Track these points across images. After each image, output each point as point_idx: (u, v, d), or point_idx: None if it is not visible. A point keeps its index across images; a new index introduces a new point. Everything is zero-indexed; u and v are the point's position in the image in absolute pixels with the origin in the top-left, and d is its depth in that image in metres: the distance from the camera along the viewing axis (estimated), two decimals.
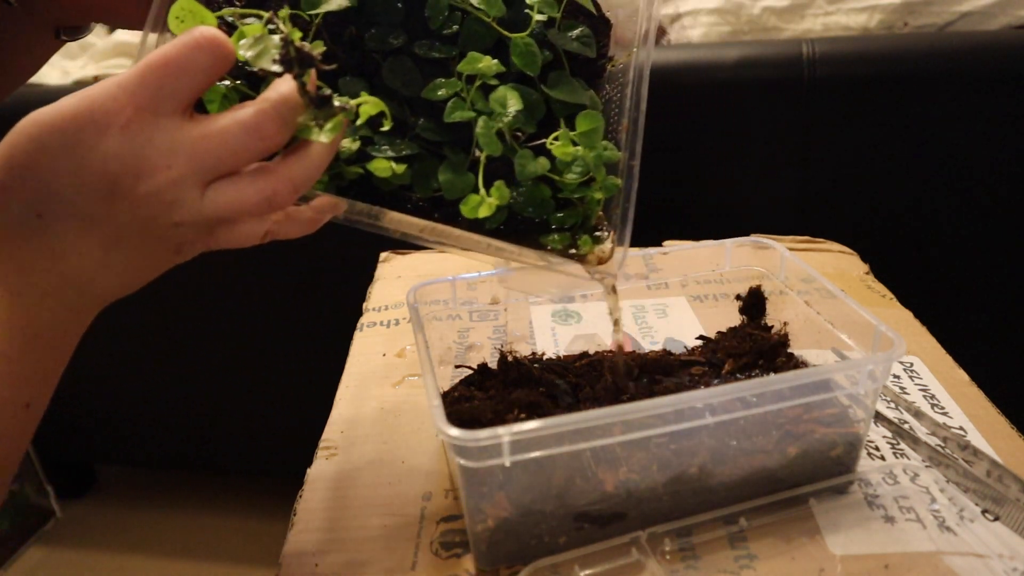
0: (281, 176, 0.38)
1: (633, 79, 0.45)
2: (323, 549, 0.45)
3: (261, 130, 0.36)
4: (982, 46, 0.96)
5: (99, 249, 0.38)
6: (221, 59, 0.36)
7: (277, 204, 0.38)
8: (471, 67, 0.43)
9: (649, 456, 0.43)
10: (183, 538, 1.41)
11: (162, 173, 0.36)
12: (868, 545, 0.43)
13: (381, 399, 0.59)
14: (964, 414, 0.54)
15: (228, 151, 0.37)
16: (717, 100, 1.01)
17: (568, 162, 0.43)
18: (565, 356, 0.57)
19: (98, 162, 0.36)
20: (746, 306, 0.60)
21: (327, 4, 0.43)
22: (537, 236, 0.44)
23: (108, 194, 0.36)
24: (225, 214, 0.38)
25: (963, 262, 1.03)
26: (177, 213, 0.37)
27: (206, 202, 0.38)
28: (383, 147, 0.43)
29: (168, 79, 0.35)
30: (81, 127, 0.36)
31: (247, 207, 0.38)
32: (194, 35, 0.35)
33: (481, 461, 0.38)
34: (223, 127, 0.36)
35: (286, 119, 0.37)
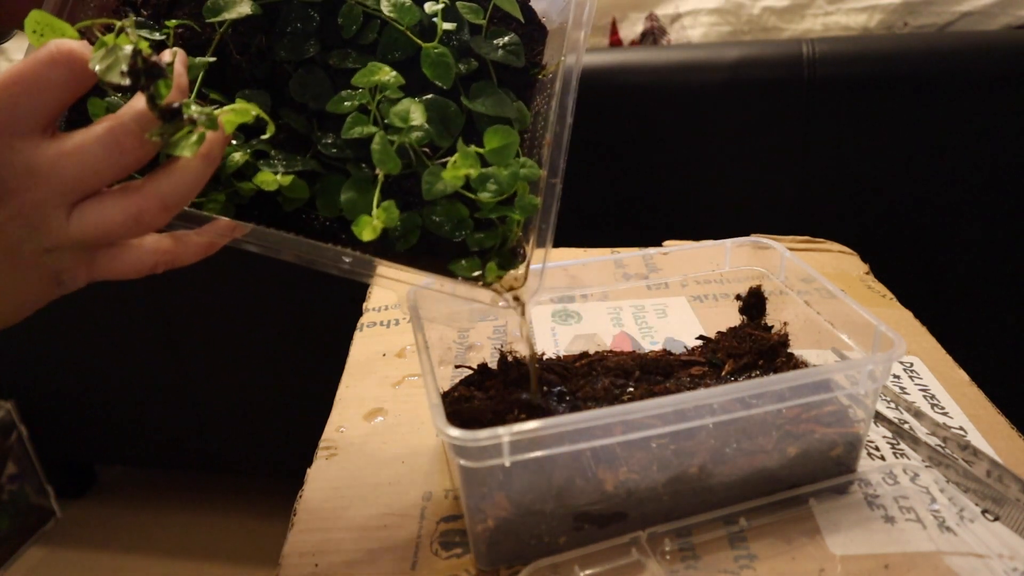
0: (147, 193, 0.35)
1: (559, 90, 0.42)
2: (323, 549, 0.45)
3: (120, 144, 0.34)
4: (982, 46, 0.96)
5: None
6: (78, 73, 0.34)
7: (146, 224, 0.36)
8: (369, 79, 0.40)
9: (649, 456, 0.43)
10: (183, 538, 1.41)
11: (21, 196, 0.34)
12: (868, 545, 0.43)
13: (381, 399, 0.59)
14: (964, 414, 0.54)
15: (87, 168, 0.34)
16: (717, 100, 1.01)
17: (481, 179, 0.40)
18: (565, 356, 0.57)
19: None
20: (746, 306, 0.60)
21: (229, 12, 0.41)
22: (450, 261, 0.41)
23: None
24: (95, 236, 0.36)
25: (963, 262, 1.03)
26: (45, 238, 0.35)
27: (72, 224, 0.35)
28: (277, 162, 0.40)
29: (21, 97, 0.33)
30: None
31: (115, 227, 0.36)
32: (50, 50, 0.33)
33: (481, 461, 0.38)
34: (80, 143, 0.34)
35: (143, 131, 0.34)
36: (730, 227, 0.75)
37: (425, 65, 0.42)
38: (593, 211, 1.06)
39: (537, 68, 0.46)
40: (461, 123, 0.42)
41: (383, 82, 0.40)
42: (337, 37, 0.43)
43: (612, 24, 1.14)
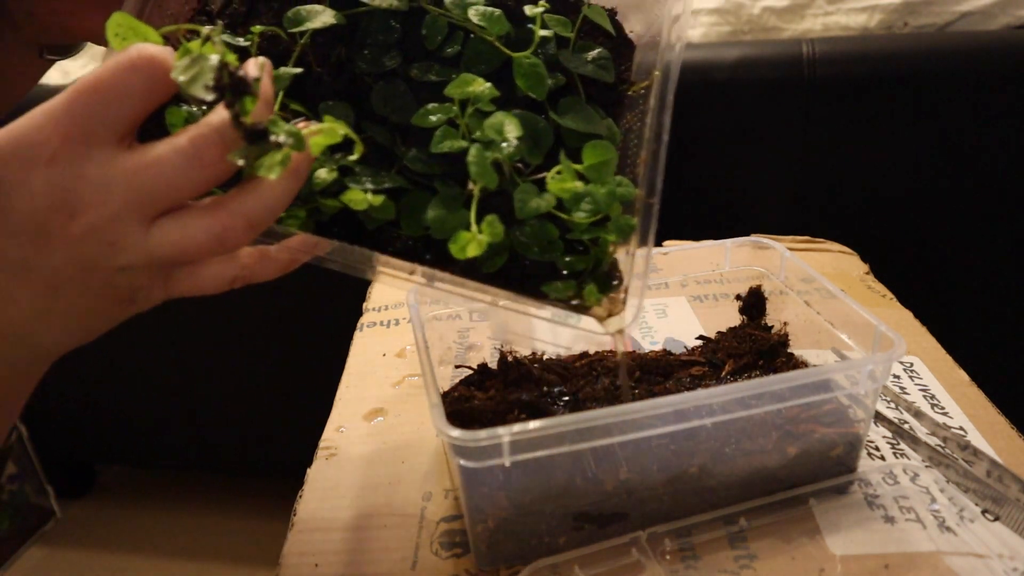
0: (233, 211, 0.33)
1: (655, 106, 0.40)
2: (323, 549, 0.45)
3: (201, 157, 0.32)
4: (982, 46, 0.96)
5: (37, 298, 0.34)
6: (160, 81, 0.32)
7: (230, 243, 0.34)
8: (461, 91, 0.38)
9: (649, 456, 0.43)
10: (183, 538, 1.41)
11: (96, 209, 0.32)
12: (868, 545, 0.43)
13: (381, 399, 0.59)
14: (964, 414, 0.54)
15: (166, 182, 0.32)
16: (717, 100, 1.01)
17: (575, 199, 0.38)
18: (565, 356, 0.57)
19: (25, 200, 0.32)
20: (746, 306, 0.60)
21: (312, 22, 0.40)
22: (540, 283, 0.38)
23: (38, 236, 0.32)
24: (173, 255, 0.33)
25: (963, 262, 1.03)
26: (120, 255, 0.33)
27: (151, 241, 0.33)
28: (364, 179, 0.38)
29: (100, 105, 0.31)
30: (5, 163, 0.32)
31: (196, 246, 0.33)
32: (129, 54, 0.31)
33: (481, 461, 0.38)
34: (159, 155, 0.32)
35: (227, 145, 0.32)
36: (730, 227, 0.74)
37: (518, 76, 0.40)
38: None
39: (625, 84, 0.44)
40: (551, 139, 0.40)
41: (476, 93, 0.38)
42: (418, 49, 0.41)
43: None
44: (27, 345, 0.35)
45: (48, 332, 0.35)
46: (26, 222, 0.32)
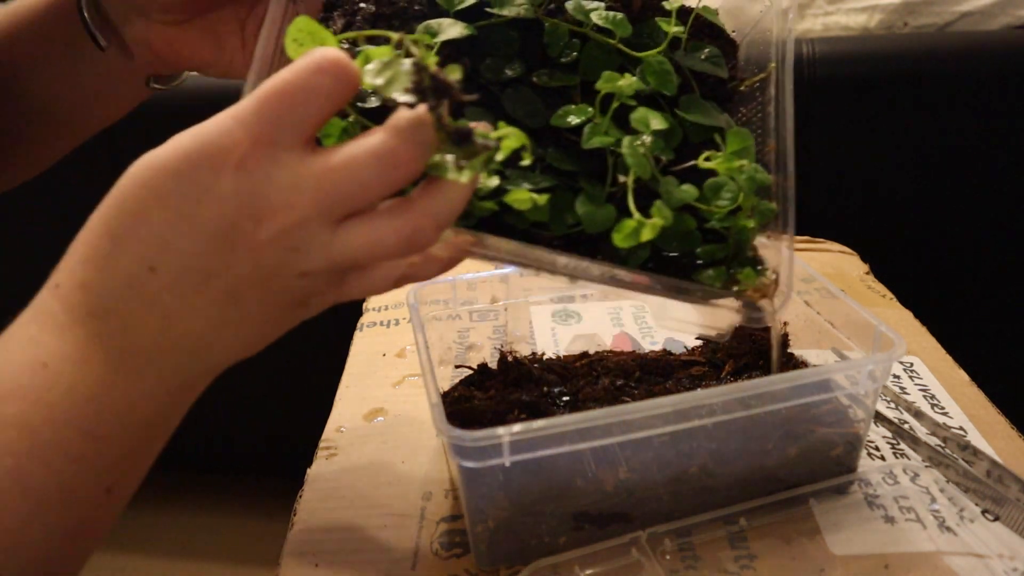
0: (423, 211, 0.33)
1: (776, 95, 0.43)
2: (323, 549, 0.45)
3: (395, 157, 0.31)
4: (982, 46, 0.96)
5: (214, 307, 0.33)
6: (345, 84, 0.31)
7: (418, 244, 0.33)
8: (611, 85, 0.40)
9: (649, 456, 0.43)
10: (183, 538, 1.41)
11: (284, 214, 0.31)
12: (868, 545, 0.43)
13: (381, 399, 0.59)
14: (964, 414, 0.54)
15: (358, 184, 0.31)
16: None
17: (714, 188, 0.40)
18: (565, 356, 0.57)
19: (214, 206, 0.31)
20: None
21: (445, 33, 0.40)
22: (683, 273, 0.40)
23: (225, 242, 0.31)
24: (359, 257, 0.33)
25: (963, 262, 1.03)
26: (304, 260, 0.33)
27: (336, 245, 0.32)
28: (519, 180, 0.39)
29: (288, 108, 0.31)
30: (194, 167, 0.31)
31: (384, 249, 0.33)
32: (315, 58, 0.31)
33: (481, 461, 0.38)
34: (351, 156, 0.31)
35: (422, 145, 0.31)
36: None
37: (648, 74, 0.42)
38: None
39: (736, 80, 0.46)
40: (680, 135, 0.42)
41: (622, 88, 0.40)
42: (536, 58, 0.43)
43: None
44: (198, 359, 0.34)
45: (220, 343, 0.34)
46: (214, 228, 0.31)
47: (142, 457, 0.35)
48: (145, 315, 0.32)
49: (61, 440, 0.30)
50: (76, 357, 0.31)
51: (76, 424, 0.31)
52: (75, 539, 0.32)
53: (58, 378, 0.31)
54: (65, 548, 0.32)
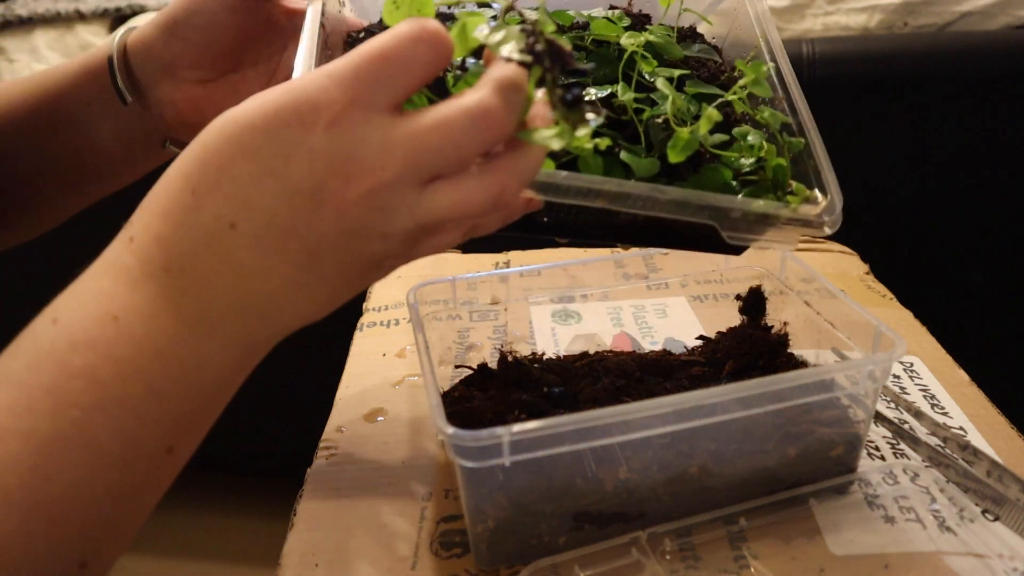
0: (510, 171, 0.33)
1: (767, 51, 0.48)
2: (323, 549, 0.45)
3: (489, 117, 0.31)
4: (982, 46, 0.97)
5: (291, 268, 0.32)
6: (442, 55, 0.32)
7: (504, 203, 0.34)
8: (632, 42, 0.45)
9: (649, 456, 0.43)
10: (183, 538, 1.41)
11: (375, 175, 0.31)
12: (868, 545, 0.43)
13: (381, 399, 0.59)
14: (964, 414, 0.54)
15: (452, 144, 0.31)
16: None
17: (744, 133, 0.43)
18: (565, 356, 0.57)
19: (303, 163, 0.31)
20: (746, 306, 0.60)
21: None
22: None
23: (312, 200, 0.31)
24: (444, 217, 0.33)
25: (963, 262, 1.03)
26: (388, 222, 0.32)
27: (423, 205, 0.32)
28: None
29: (386, 73, 0.31)
30: (285, 123, 0.31)
31: (470, 208, 0.33)
32: (415, 27, 0.31)
33: (481, 461, 0.38)
34: (445, 116, 0.31)
35: (514, 104, 0.31)
36: None
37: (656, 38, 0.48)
38: None
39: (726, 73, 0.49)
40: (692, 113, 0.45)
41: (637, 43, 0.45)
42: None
43: None
44: (269, 320, 0.34)
45: (292, 306, 0.34)
46: (300, 186, 0.31)
47: (204, 419, 0.34)
48: (221, 273, 0.32)
49: (127, 395, 0.30)
50: (147, 312, 0.31)
51: (143, 380, 0.31)
52: (135, 498, 0.32)
53: (128, 332, 0.31)
54: (125, 507, 0.32)
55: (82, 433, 0.29)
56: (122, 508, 0.31)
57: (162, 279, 0.32)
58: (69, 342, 0.30)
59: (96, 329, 0.31)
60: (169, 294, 0.32)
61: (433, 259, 0.82)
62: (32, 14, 1.35)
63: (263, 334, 0.35)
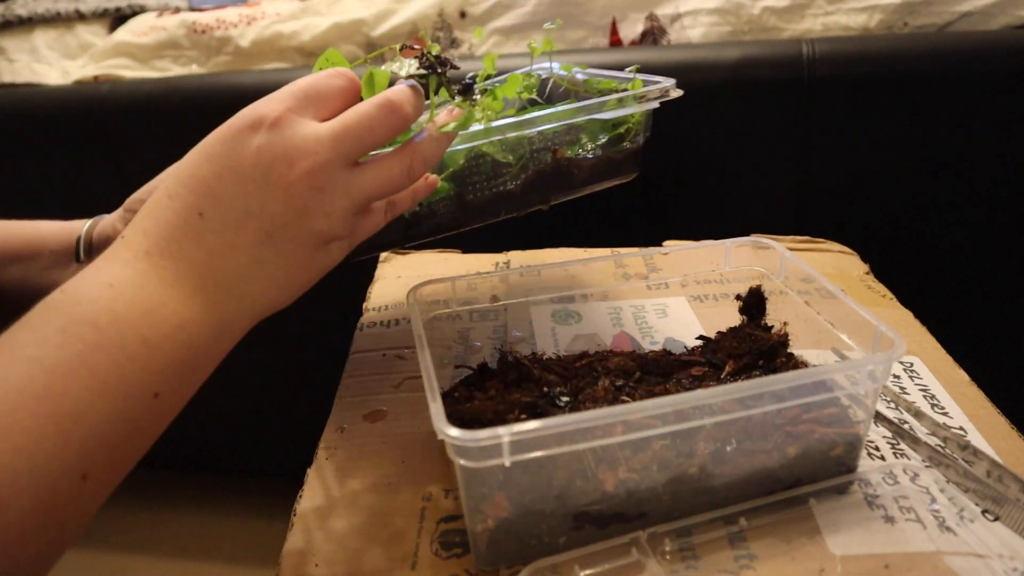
0: (415, 151, 0.45)
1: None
2: (323, 549, 0.45)
3: (393, 106, 0.42)
4: (982, 46, 0.96)
5: (252, 246, 0.40)
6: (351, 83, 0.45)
7: (413, 176, 0.45)
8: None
9: (649, 456, 0.43)
10: (183, 538, 1.41)
11: (311, 157, 0.40)
12: (868, 545, 0.43)
13: (381, 399, 0.59)
14: (964, 414, 0.54)
15: (367, 128, 0.42)
16: (717, 100, 1.01)
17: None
18: (565, 356, 0.57)
19: (253, 156, 0.40)
20: (746, 306, 0.60)
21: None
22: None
23: (263, 183, 0.40)
24: (372, 192, 0.43)
25: (963, 262, 1.03)
26: (328, 200, 0.41)
27: (354, 183, 0.42)
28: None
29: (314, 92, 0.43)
30: (238, 130, 0.40)
31: (392, 179, 0.43)
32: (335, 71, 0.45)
33: (481, 461, 0.38)
34: (360, 108, 0.42)
35: (411, 99, 0.44)
36: (730, 227, 0.74)
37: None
38: (593, 211, 1.06)
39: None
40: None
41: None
42: None
43: (612, 24, 1.14)
44: (238, 296, 0.41)
45: (258, 283, 0.41)
46: (253, 170, 0.40)
47: (186, 377, 0.40)
48: (193, 251, 0.39)
49: (121, 338, 0.36)
50: (136, 281, 0.38)
51: (134, 329, 0.37)
52: (127, 430, 0.36)
53: (121, 294, 0.38)
54: (119, 433, 0.36)
55: (84, 363, 0.35)
56: (117, 433, 0.36)
57: (147, 259, 0.39)
58: (74, 300, 0.37)
59: (95, 291, 0.37)
60: (153, 268, 0.39)
61: (433, 259, 0.82)
62: (32, 14, 1.35)
63: (232, 309, 0.41)
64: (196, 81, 1.17)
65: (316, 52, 1.22)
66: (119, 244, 0.40)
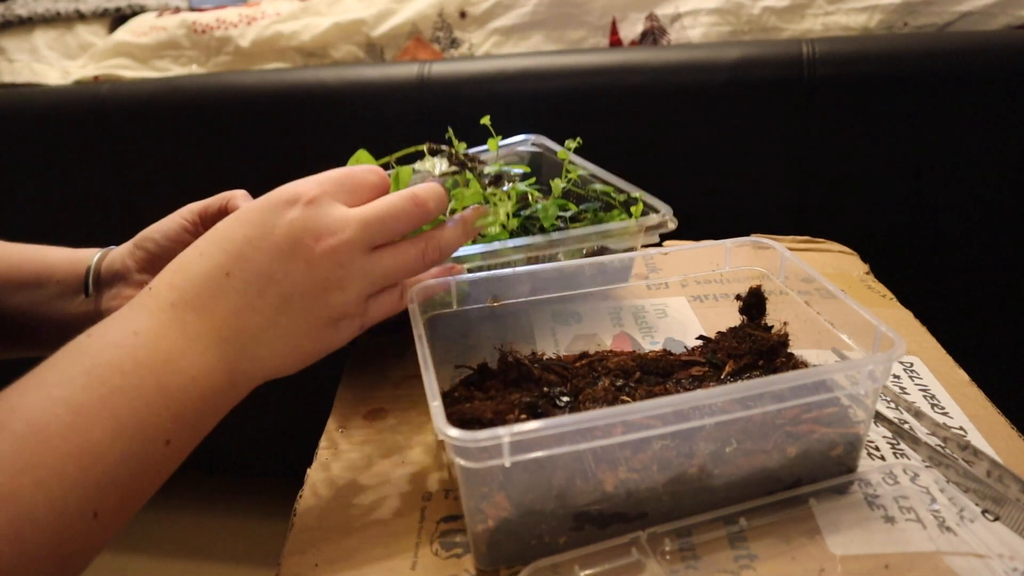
0: (435, 239, 0.49)
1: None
2: (323, 549, 0.45)
3: (418, 200, 0.46)
4: (982, 46, 0.96)
5: (269, 308, 0.42)
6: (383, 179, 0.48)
7: (428, 262, 0.48)
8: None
9: (649, 456, 0.43)
10: (183, 538, 1.41)
11: (337, 236, 0.43)
12: (868, 545, 0.43)
13: (381, 399, 0.59)
14: (964, 414, 0.54)
15: (393, 218, 0.45)
16: (717, 100, 1.01)
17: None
18: (565, 356, 0.57)
19: (285, 227, 0.43)
20: (746, 306, 0.60)
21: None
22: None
23: (290, 252, 0.42)
24: (388, 274, 0.46)
25: (963, 262, 1.03)
26: (346, 277, 0.44)
27: (372, 264, 0.45)
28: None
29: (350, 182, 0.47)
30: (275, 203, 0.44)
31: (407, 265, 0.47)
32: (366, 167, 0.48)
33: (481, 461, 0.38)
34: (388, 199, 0.46)
35: (436, 196, 0.48)
36: (730, 227, 0.74)
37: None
38: None
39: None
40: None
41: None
42: None
43: (612, 24, 1.14)
44: (250, 357, 0.43)
45: (268, 345, 0.43)
46: (282, 241, 0.43)
47: (195, 427, 0.41)
48: (215, 307, 0.42)
49: (142, 384, 0.38)
50: (159, 331, 0.40)
51: (154, 376, 0.39)
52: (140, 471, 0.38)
53: (144, 342, 0.40)
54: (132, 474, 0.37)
55: (106, 405, 0.37)
56: (131, 475, 0.37)
57: (171, 311, 0.41)
58: (101, 344, 0.39)
59: (120, 337, 0.40)
60: (176, 320, 0.41)
61: None
62: (32, 14, 1.35)
63: (243, 367, 0.43)
64: (196, 81, 1.17)
65: (316, 52, 1.22)
66: (146, 294, 0.42)
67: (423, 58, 1.18)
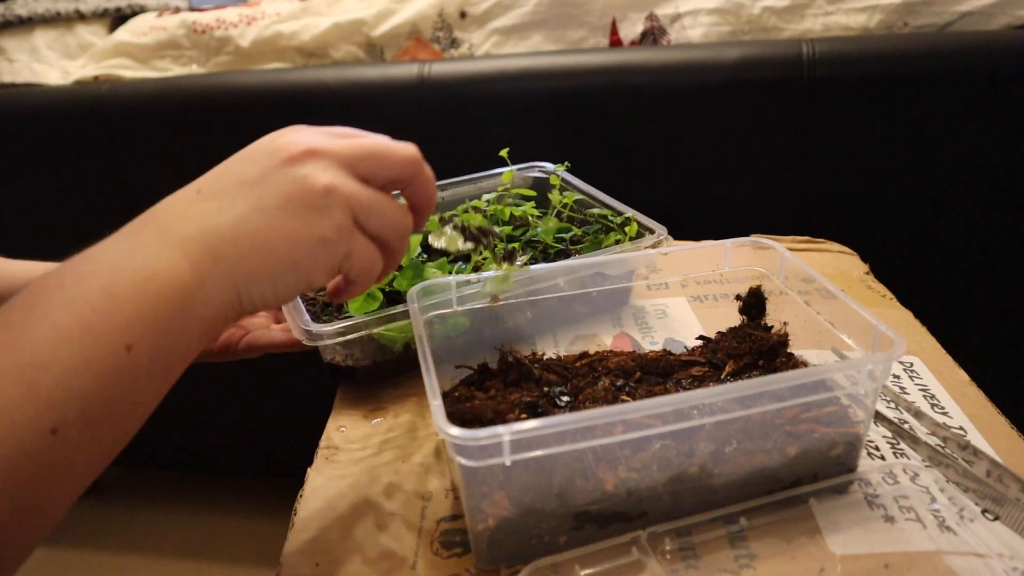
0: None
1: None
2: (323, 549, 0.45)
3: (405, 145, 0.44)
4: (982, 46, 0.96)
5: (241, 207, 0.40)
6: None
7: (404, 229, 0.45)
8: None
9: (649, 456, 0.43)
10: (183, 538, 1.41)
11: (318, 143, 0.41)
12: (868, 545, 0.43)
13: (381, 399, 0.59)
14: (964, 414, 0.54)
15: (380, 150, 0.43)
16: (717, 100, 1.01)
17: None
18: (565, 356, 0.57)
19: (266, 142, 0.42)
20: (746, 306, 0.60)
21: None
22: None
23: (267, 156, 0.41)
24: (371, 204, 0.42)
25: (963, 262, 1.03)
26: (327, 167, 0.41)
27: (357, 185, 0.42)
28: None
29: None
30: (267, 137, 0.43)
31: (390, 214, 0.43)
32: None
33: (481, 461, 0.38)
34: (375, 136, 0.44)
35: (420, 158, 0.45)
36: (730, 227, 0.74)
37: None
38: None
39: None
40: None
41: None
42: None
43: (612, 24, 1.14)
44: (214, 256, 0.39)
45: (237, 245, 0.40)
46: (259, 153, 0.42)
47: (160, 332, 0.38)
48: (179, 218, 0.40)
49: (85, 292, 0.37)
50: (106, 246, 0.39)
51: (98, 281, 0.37)
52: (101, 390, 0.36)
53: (88, 256, 0.39)
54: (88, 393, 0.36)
55: (45, 317, 0.35)
56: (87, 385, 0.35)
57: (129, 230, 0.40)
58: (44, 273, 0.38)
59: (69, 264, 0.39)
60: (132, 234, 0.40)
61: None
62: (32, 14, 1.35)
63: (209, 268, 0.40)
64: (196, 81, 1.17)
65: (316, 52, 1.22)
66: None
67: (423, 58, 1.18)
